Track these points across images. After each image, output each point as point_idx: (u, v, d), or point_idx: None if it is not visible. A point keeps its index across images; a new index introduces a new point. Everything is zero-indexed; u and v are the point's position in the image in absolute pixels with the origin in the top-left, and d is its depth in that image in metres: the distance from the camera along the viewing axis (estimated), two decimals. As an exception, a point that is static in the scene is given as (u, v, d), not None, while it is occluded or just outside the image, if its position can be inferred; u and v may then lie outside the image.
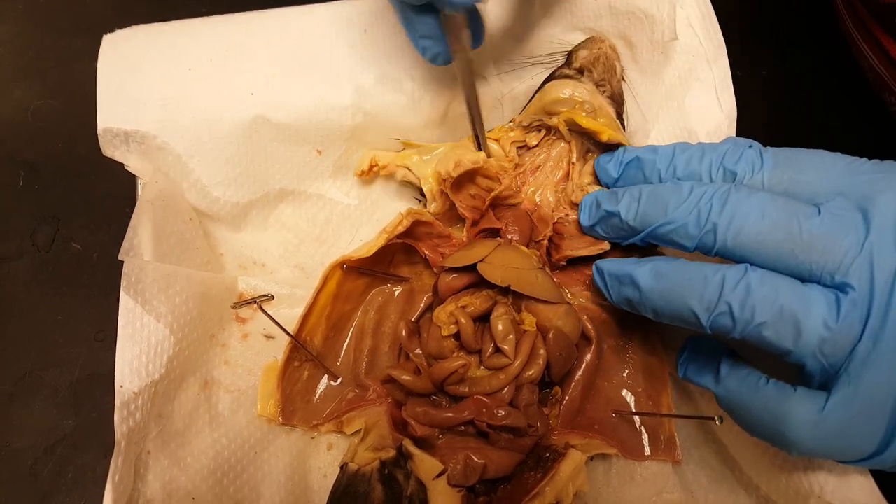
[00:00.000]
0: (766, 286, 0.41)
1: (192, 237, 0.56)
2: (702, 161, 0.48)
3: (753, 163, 0.46)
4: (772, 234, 0.41)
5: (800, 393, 0.41)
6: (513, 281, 0.53)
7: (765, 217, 0.42)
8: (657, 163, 0.51)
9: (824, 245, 0.40)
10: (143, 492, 0.48)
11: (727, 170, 0.47)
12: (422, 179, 0.57)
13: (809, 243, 0.40)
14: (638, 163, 0.52)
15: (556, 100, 0.56)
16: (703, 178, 0.48)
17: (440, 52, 0.53)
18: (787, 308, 0.40)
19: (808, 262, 0.40)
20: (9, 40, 0.83)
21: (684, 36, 0.59)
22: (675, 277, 0.44)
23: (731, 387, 0.45)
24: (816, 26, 0.82)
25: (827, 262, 0.40)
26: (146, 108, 0.56)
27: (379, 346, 0.59)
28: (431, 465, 0.48)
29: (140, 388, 0.48)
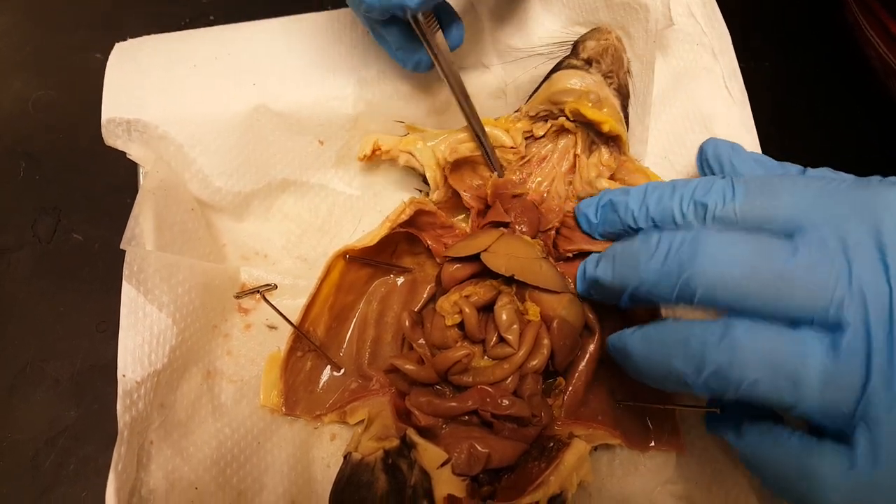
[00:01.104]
0: (753, 340, 0.38)
1: (194, 227, 0.56)
2: (672, 197, 0.47)
3: (724, 193, 0.44)
4: (751, 278, 0.39)
5: (826, 448, 0.38)
6: (517, 270, 0.52)
7: (742, 262, 0.39)
8: (629, 204, 0.49)
9: (809, 283, 0.37)
10: (145, 481, 0.48)
11: (698, 203, 0.45)
12: (425, 167, 0.57)
13: (793, 284, 0.38)
14: (612, 206, 0.51)
15: (562, 90, 0.56)
16: (675, 215, 0.46)
17: (420, 59, 0.53)
18: (780, 360, 0.37)
19: (796, 304, 0.38)
20: (8, 32, 0.83)
21: (686, 25, 0.59)
22: (661, 341, 0.43)
23: (751, 441, 0.43)
24: (819, 20, 0.82)
25: (816, 302, 0.37)
26: (149, 98, 0.56)
27: (382, 337, 0.59)
28: (435, 454, 0.48)
29: (142, 377, 0.48)
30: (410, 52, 0.53)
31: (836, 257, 0.37)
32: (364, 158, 0.60)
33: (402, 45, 0.52)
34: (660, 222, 0.48)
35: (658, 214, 0.47)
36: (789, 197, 0.41)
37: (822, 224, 0.39)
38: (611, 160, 0.57)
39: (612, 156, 0.57)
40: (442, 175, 0.56)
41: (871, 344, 0.36)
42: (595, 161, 0.57)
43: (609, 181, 0.56)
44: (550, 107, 0.57)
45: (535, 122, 0.58)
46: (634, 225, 0.49)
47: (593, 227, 0.54)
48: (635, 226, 0.49)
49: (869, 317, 0.36)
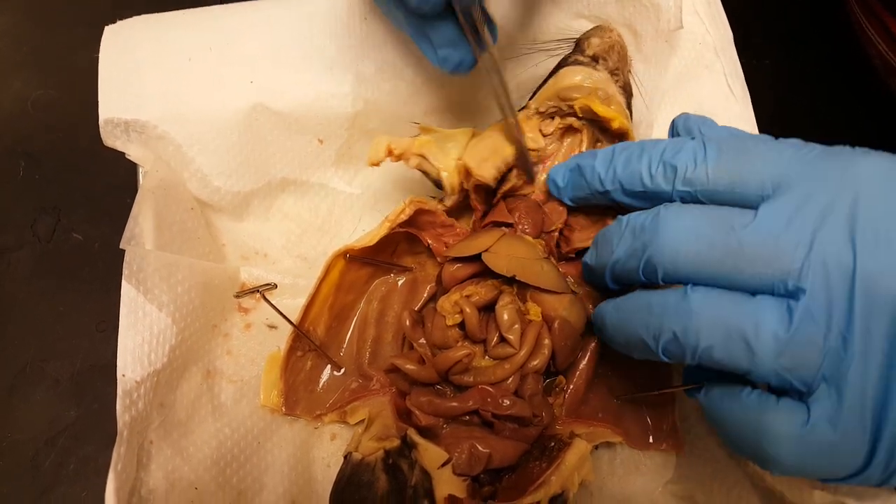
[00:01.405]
0: (707, 307, 0.39)
1: (193, 227, 0.55)
2: (640, 159, 0.45)
3: (696, 154, 0.43)
4: (709, 253, 0.39)
5: (782, 405, 0.39)
6: (518, 271, 0.52)
7: (699, 237, 0.39)
8: (596, 166, 0.48)
9: (769, 252, 0.37)
10: (145, 481, 0.48)
11: (668, 164, 0.44)
12: (442, 171, 0.55)
13: (752, 254, 0.38)
14: (579, 169, 0.50)
15: (571, 86, 0.55)
16: (643, 177, 0.45)
17: (463, 57, 0.50)
18: (733, 327, 0.38)
19: (756, 273, 0.38)
20: (8, 31, 0.82)
21: (690, 24, 0.58)
22: (627, 309, 0.43)
23: (714, 398, 0.43)
24: (820, 19, 0.82)
25: (776, 270, 0.37)
26: (147, 98, 0.56)
27: (382, 336, 0.58)
28: (436, 454, 0.48)
29: (142, 377, 0.48)
30: (456, 49, 0.49)
31: (801, 224, 0.37)
32: (377, 164, 0.56)
33: (450, 42, 0.49)
34: (627, 185, 0.46)
35: (626, 177, 0.46)
36: (762, 161, 0.40)
37: (793, 189, 0.38)
38: (616, 158, 0.57)
39: (617, 153, 0.57)
40: (460, 180, 0.55)
41: (831, 313, 0.36)
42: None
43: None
44: (559, 103, 0.56)
45: (544, 118, 0.58)
46: (601, 188, 0.48)
47: (562, 192, 0.53)
48: (602, 189, 0.48)
49: (830, 286, 0.36)
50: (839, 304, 0.36)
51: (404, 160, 0.56)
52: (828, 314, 0.36)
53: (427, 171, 0.56)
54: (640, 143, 0.47)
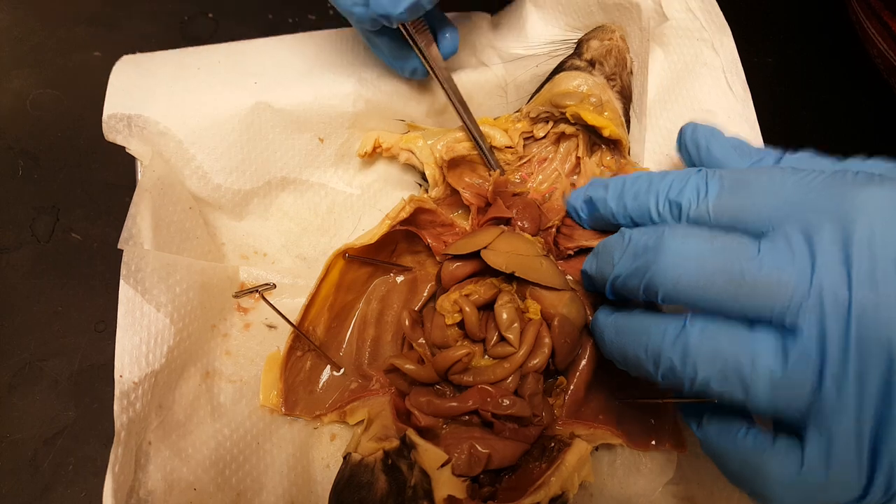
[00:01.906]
0: (705, 340, 0.39)
1: (192, 226, 0.55)
2: (648, 194, 0.46)
3: (699, 190, 0.43)
4: (712, 282, 0.39)
5: (778, 447, 0.39)
6: (517, 267, 0.52)
7: (702, 265, 0.39)
8: (608, 201, 0.49)
9: (769, 286, 0.37)
10: (143, 482, 0.48)
11: (672, 202, 0.45)
12: (424, 164, 0.57)
13: (753, 286, 0.37)
14: (592, 203, 0.51)
15: (564, 92, 0.55)
16: (651, 212, 0.46)
17: (415, 67, 0.55)
18: (730, 362, 0.38)
19: (755, 306, 0.38)
20: (7, 29, 0.82)
21: (684, 21, 0.58)
22: (627, 331, 0.44)
23: (710, 434, 0.43)
24: (824, 15, 0.82)
25: (775, 305, 0.37)
26: (151, 95, 0.56)
27: (382, 336, 0.58)
28: (436, 454, 0.48)
29: (140, 377, 0.47)
30: (404, 60, 0.54)
31: (800, 260, 0.37)
32: (365, 155, 0.60)
33: (395, 53, 0.54)
34: (637, 220, 0.47)
35: (635, 212, 0.47)
36: (762, 195, 0.40)
37: (793, 223, 0.38)
38: (612, 162, 0.57)
39: (612, 157, 0.57)
40: (440, 173, 0.56)
41: (825, 351, 0.36)
42: (597, 160, 0.57)
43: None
44: (551, 109, 0.56)
45: (536, 123, 0.58)
46: (614, 221, 0.49)
47: (583, 221, 0.54)
48: (615, 222, 0.49)
49: (825, 324, 0.35)
50: (834, 345, 0.35)
51: (393, 154, 0.58)
52: (822, 354, 0.36)
53: (414, 164, 0.58)
54: (647, 176, 0.47)
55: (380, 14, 0.48)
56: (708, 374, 0.39)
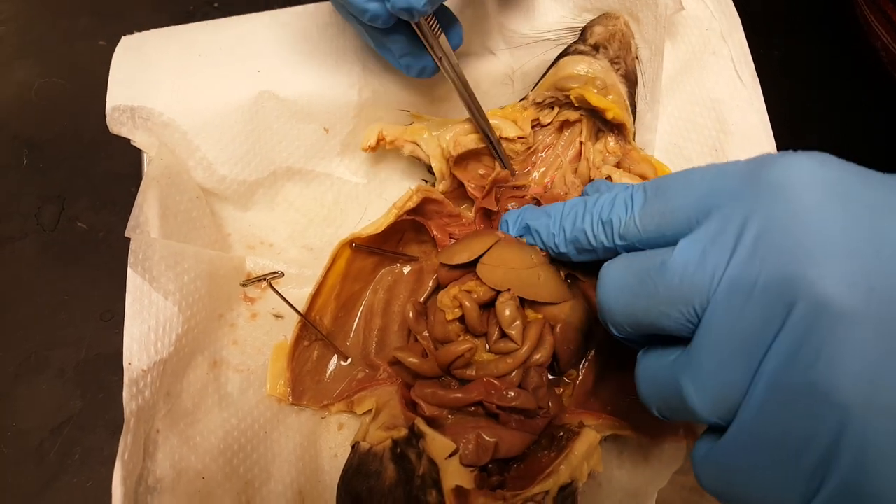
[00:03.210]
0: (643, 370, 0.40)
1: (198, 215, 0.55)
2: (584, 219, 0.45)
3: (626, 205, 0.42)
4: (635, 303, 0.38)
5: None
6: (514, 285, 0.51)
7: (623, 289, 0.39)
8: (550, 228, 0.49)
9: (685, 290, 0.35)
10: (152, 470, 0.47)
11: (604, 222, 0.43)
12: (431, 157, 0.57)
13: (670, 298, 0.36)
14: (532, 231, 0.51)
15: (568, 75, 0.55)
16: (588, 236, 0.45)
17: (425, 65, 0.53)
18: (667, 395, 0.37)
19: (679, 316, 0.36)
20: (11, 18, 0.82)
21: (695, 10, 0.58)
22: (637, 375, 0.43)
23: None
24: (828, 8, 0.82)
25: (695, 309, 0.35)
26: (155, 86, 0.56)
27: (389, 326, 0.58)
28: (444, 444, 0.48)
29: (149, 365, 0.47)
30: (415, 58, 0.53)
31: (716, 256, 0.35)
32: (369, 149, 0.59)
33: (407, 51, 0.52)
34: (577, 245, 0.47)
35: (574, 237, 0.47)
36: (684, 196, 0.38)
37: (712, 217, 0.36)
38: (616, 148, 0.57)
39: (617, 143, 0.57)
40: (447, 166, 0.56)
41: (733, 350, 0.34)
42: (601, 147, 0.56)
43: (615, 168, 0.56)
44: (556, 93, 0.56)
45: (542, 109, 0.58)
46: (556, 250, 0.49)
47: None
48: (557, 251, 0.49)
49: (734, 316, 0.34)
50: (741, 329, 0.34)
51: (397, 146, 0.57)
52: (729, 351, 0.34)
53: (419, 157, 0.57)
54: (583, 201, 0.46)
55: (402, 7, 0.46)
56: (655, 404, 0.39)
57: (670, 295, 0.36)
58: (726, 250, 0.34)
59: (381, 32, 0.50)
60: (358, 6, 0.47)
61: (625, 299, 0.39)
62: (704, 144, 0.58)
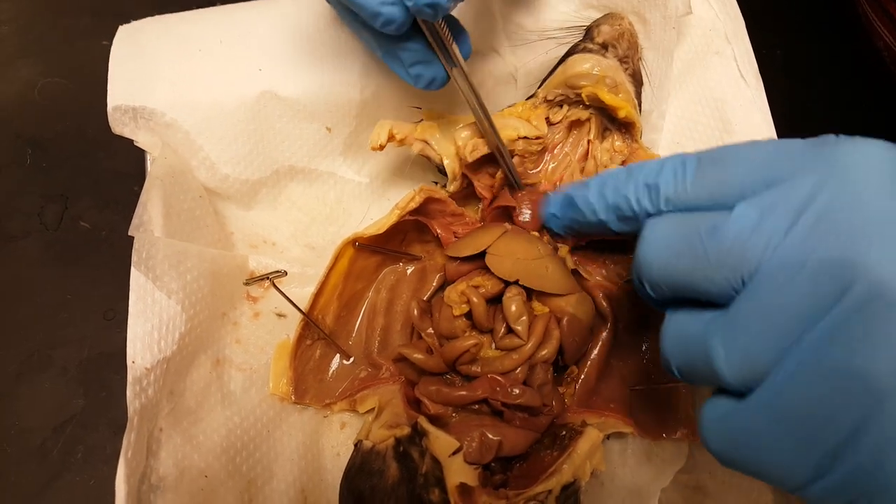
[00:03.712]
0: (671, 329, 0.39)
1: (201, 214, 0.55)
2: (627, 184, 0.44)
3: (675, 171, 0.41)
4: (678, 263, 0.38)
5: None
6: (521, 275, 0.52)
7: (668, 247, 0.38)
8: (589, 196, 0.47)
9: (735, 257, 0.35)
10: (155, 468, 0.48)
11: (650, 186, 0.42)
12: (444, 157, 0.55)
13: (718, 261, 0.36)
14: (570, 200, 0.50)
15: (579, 73, 0.55)
16: (630, 201, 0.44)
17: (436, 74, 0.50)
18: (693, 354, 0.37)
19: (723, 281, 0.36)
20: (14, 18, 0.82)
21: (700, 10, 0.58)
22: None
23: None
24: (831, 7, 0.82)
25: (743, 277, 0.35)
26: (156, 85, 0.56)
27: (391, 325, 0.58)
28: (447, 442, 0.48)
29: (152, 364, 0.47)
30: (427, 67, 0.50)
31: (772, 226, 0.34)
32: (379, 148, 0.56)
33: (419, 60, 0.49)
34: (618, 211, 0.46)
35: (615, 203, 0.45)
36: (741, 166, 0.38)
37: (771, 188, 0.36)
38: (623, 146, 0.57)
39: (624, 142, 0.57)
40: (460, 166, 0.55)
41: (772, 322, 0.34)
42: (608, 146, 0.56)
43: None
44: (567, 91, 0.56)
45: (552, 107, 0.57)
46: (595, 218, 0.47)
47: (555, 223, 0.53)
48: (596, 219, 0.47)
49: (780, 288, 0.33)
50: (788, 302, 0.33)
51: (407, 145, 0.56)
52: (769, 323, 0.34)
53: (430, 156, 0.56)
54: (627, 167, 0.46)
55: (426, 4, 0.44)
56: (678, 363, 0.38)
57: (719, 258, 0.36)
58: (785, 221, 0.34)
59: (392, 40, 0.48)
60: (370, 9, 0.45)
61: (668, 257, 0.38)
62: (707, 144, 0.58)
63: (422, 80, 0.50)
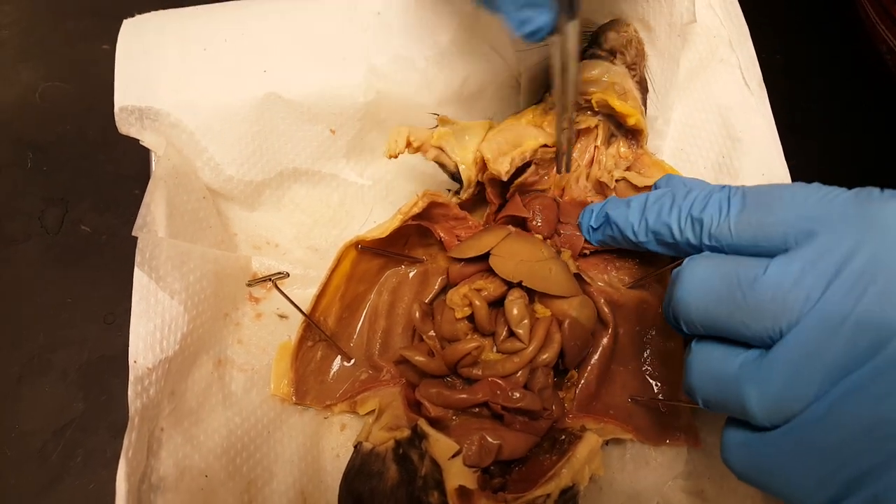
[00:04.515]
0: (701, 365, 0.40)
1: (205, 215, 0.55)
2: (671, 213, 0.46)
3: (721, 207, 0.42)
4: (717, 307, 0.39)
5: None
6: (525, 276, 0.52)
7: (708, 291, 0.39)
8: (629, 217, 0.49)
9: (776, 307, 0.36)
10: (155, 468, 0.48)
11: (694, 219, 0.44)
12: (461, 164, 0.54)
13: (758, 310, 0.37)
14: (610, 220, 0.51)
15: (588, 79, 0.55)
16: (673, 230, 0.45)
17: (545, 22, 0.43)
18: (725, 394, 0.38)
19: (761, 329, 0.37)
20: (15, 22, 0.82)
21: (704, 17, 0.58)
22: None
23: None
24: (832, 12, 0.82)
25: (775, 326, 0.36)
26: (161, 86, 0.56)
27: (393, 328, 0.58)
28: (446, 445, 0.48)
29: (154, 364, 0.47)
30: (537, 11, 0.43)
31: (813, 281, 0.36)
32: (395, 156, 0.54)
33: (534, 1, 0.42)
34: (658, 237, 0.47)
35: (657, 230, 0.47)
36: (785, 211, 0.39)
37: (813, 242, 0.37)
38: (628, 153, 0.57)
39: (629, 148, 0.57)
40: (476, 174, 0.55)
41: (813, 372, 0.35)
42: (613, 152, 0.57)
43: (627, 172, 0.56)
44: (576, 97, 0.56)
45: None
46: (634, 239, 0.49)
47: (592, 237, 0.54)
48: (635, 240, 0.49)
49: (820, 339, 0.35)
50: (824, 354, 0.35)
51: (422, 152, 0.55)
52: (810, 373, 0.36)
53: (444, 163, 0.55)
54: (671, 194, 0.47)
55: None
56: (707, 396, 0.40)
57: (759, 308, 0.37)
58: (825, 276, 0.35)
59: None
60: None
61: (706, 301, 0.39)
62: (711, 150, 0.58)
63: (527, 26, 0.43)
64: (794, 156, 0.56)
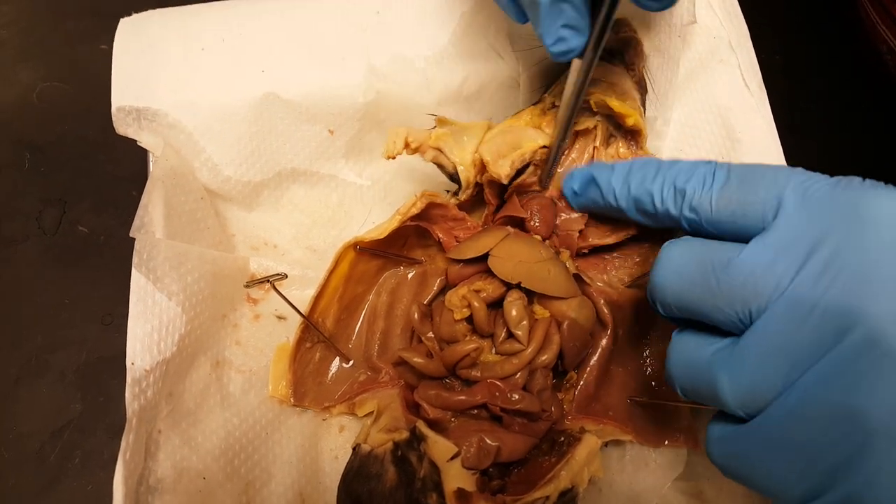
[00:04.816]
0: (678, 353, 0.41)
1: (203, 216, 0.55)
2: (654, 180, 0.45)
3: (705, 180, 0.42)
4: (690, 291, 0.40)
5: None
6: (523, 277, 0.51)
7: (682, 275, 0.40)
8: (612, 181, 0.48)
9: (746, 294, 0.37)
10: (153, 470, 0.47)
11: (677, 189, 0.44)
12: (460, 165, 0.54)
13: (730, 295, 0.37)
14: (594, 181, 0.50)
15: None
16: (654, 197, 0.45)
17: (577, 45, 0.45)
18: (699, 382, 0.39)
19: (733, 314, 0.38)
20: (13, 21, 0.82)
21: (704, 18, 0.58)
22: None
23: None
24: (831, 13, 0.82)
25: (751, 311, 0.37)
26: (159, 86, 0.56)
27: (391, 329, 0.58)
28: (445, 447, 0.48)
29: (151, 365, 0.47)
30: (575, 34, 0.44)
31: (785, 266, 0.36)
32: (394, 157, 0.54)
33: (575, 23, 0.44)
34: (639, 205, 0.47)
35: (638, 196, 0.46)
36: (766, 192, 0.39)
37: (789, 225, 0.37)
38: (627, 153, 0.57)
39: (628, 149, 0.57)
40: (475, 175, 0.55)
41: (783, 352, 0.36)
42: (612, 153, 0.56)
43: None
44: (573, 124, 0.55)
45: (559, 113, 0.57)
46: (615, 203, 0.48)
47: (575, 201, 0.54)
48: (615, 204, 0.48)
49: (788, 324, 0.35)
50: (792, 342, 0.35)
51: (420, 153, 0.55)
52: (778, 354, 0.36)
53: (443, 164, 0.55)
54: (657, 162, 0.46)
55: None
56: (683, 384, 0.41)
57: (730, 293, 0.38)
58: (795, 263, 0.36)
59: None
60: None
61: (681, 284, 0.40)
62: (710, 151, 0.58)
63: (561, 45, 0.45)
64: (794, 156, 0.56)
